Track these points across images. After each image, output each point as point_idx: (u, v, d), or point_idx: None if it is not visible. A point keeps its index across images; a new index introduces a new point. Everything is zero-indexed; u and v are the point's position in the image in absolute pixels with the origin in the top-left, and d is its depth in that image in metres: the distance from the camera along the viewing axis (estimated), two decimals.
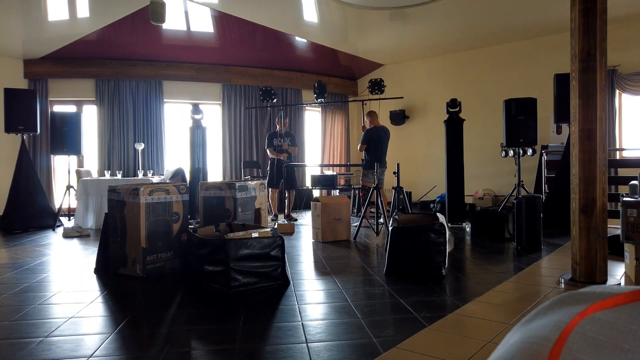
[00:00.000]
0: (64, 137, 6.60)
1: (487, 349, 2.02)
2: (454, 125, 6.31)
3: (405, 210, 6.16)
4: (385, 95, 6.89)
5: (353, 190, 8.12)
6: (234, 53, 8.54)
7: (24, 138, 6.49)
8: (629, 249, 3.28)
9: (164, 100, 8.70)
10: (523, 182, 6.03)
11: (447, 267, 3.54)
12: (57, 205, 7.27)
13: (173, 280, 3.46)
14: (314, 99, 6.75)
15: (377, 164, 5.89)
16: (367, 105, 7.19)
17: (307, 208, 8.10)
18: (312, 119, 10.05)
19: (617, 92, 7.04)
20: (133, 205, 3.48)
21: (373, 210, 6.37)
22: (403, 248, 3.44)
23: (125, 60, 8.39)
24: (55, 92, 8.25)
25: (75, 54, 7.96)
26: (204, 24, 7.51)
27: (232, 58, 8.76)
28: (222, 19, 7.24)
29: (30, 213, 6.21)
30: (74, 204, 6.78)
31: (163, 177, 7.09)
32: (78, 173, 7.19)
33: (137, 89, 8.49)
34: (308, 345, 2.11)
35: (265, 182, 5.75)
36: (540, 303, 0.58)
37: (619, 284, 3.16)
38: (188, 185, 4.07)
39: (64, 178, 6.88)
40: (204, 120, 6.87)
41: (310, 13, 7.19)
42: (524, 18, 7.01)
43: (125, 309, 2.78)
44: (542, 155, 6.74)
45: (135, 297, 3.13)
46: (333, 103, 9.60)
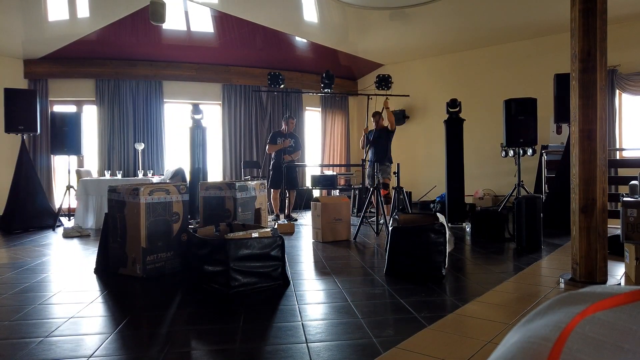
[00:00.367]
0: (64, 137, 6.60)
1: (487, 349, 2.02)
2: (454, 125, 6.31)
3: (405, 210, 6.16)
4: (391, 93, 6.82)
5: (353, 190, 8.12)
6: (234, 53, 8.55)
7: (24, 138, 6.49)
8: (629, 249, 3.28)
9: (164, 100, 8.70)
10: (523, 182, 6.03)
11: (447, 267, 3.54)
12: (57, 205, 7.27)
13: (173, 280, 3.46)
14: (321, 89, 6.69)
15: (377, 164, 5.89)
16: (372, 100, 7.11)
17: (307, 208, 8.11)
18: (312, 119, 10.06)
19: (617, 92, 7.04)
20: (133, 205, 3.48)
21: (373, 211, 6.36)
22: (403, 248, 3.44)
23: (125, 60, 8.39)
24: (55, 92, 8.25)
25: (75, 54, 7.96)
26: (204, 24, 7.51)
27: (232, 58, 8.76)
28: (222, 19, 7.24)
29: (30, 213, 6.21)
30: (74, 204, 6.78)
31: (163, 177, 7.09)
32: (78, 173, 7.19)
33: (137, 89, 8.49)
34: (308, 345, 2.11)
35: (266, 182, 5.75)
36: (540, 303, 0.58)
37: (619, 284, 3.16)
38: (188, 185, 4.07)
39: (64, 178, 6.88)
40: (204, 120, 6.86)
41: (310, 13, 7.19)
42: (524, 18, 7.01)
43: (125, 309, 2.79)
44: (542, 155, 6.75)
45: (135, 297, 3.13)
46: (339, 94, 9.58)
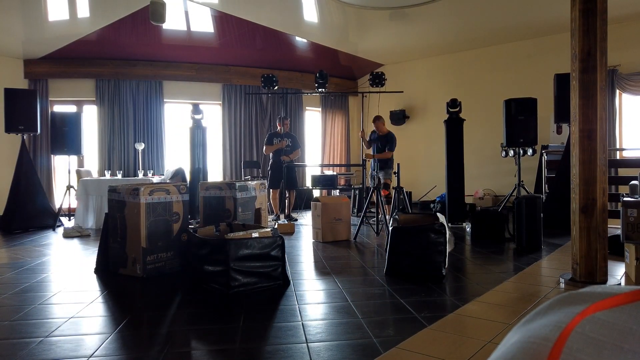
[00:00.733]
0: (64, 137, 6.60)
1: (487, 349, 2.02)
2: (454, 125, 6.31)
3: (406, 210, 6.16)
4: (385, 89, 6.80)
5: (353, 190, 8.12)
6: (234, 53, 8.55)
7: (24, 138, 6.49)
8: (629, 249, 3.28)
9: (164, 100, 8.70)
10: (523, 182, 6.03)
11: (447, 267, 3.54)
12: (57, 205, 7.27)
13: (173, 280, 3.46)
14: (315, 89, 6.69)
15: (378, 164, 5.91)
16: (367, 98, 7.09)
17: (307, 208, 8.10)
18: (312, 119, 10.06)
19: (617, 92, 7.04)
20: (133, 205, 3.48)
21: (373, 211, 6.36)
22: (403, 248, 3.44)
23: (126, 60, 8.39)
24: (55, 92, 8.25)
25: (75, 54, 7.96)
26: (204, 24, 7.51)
27: (232, 58, 8.76)
28: (222, 19, 7.24)
29: (31, 213, 6.20)
30: (74, 204, 6.78)
31: (163, 177, 7.09)
32: (78, 173, 7.19)
33: (137, 89, 8.49)
34: (308, 345, 2.11)
35: (266, 182, 5.75)
36: (540, 303, 0.58)
37: (619, 284, 3.16)
38: (188, 185, 4.07)
39: (64, 178, 6.88)
40: (204, 120, 6.86)
41: (310, 13, 7.19)
42: (524, 18, 7.01)
43: (125, 309, 2.79)
44: (542, 155, 6.74)
45: (135, 297, 3.13)
46: (333, 93, 9.62)
